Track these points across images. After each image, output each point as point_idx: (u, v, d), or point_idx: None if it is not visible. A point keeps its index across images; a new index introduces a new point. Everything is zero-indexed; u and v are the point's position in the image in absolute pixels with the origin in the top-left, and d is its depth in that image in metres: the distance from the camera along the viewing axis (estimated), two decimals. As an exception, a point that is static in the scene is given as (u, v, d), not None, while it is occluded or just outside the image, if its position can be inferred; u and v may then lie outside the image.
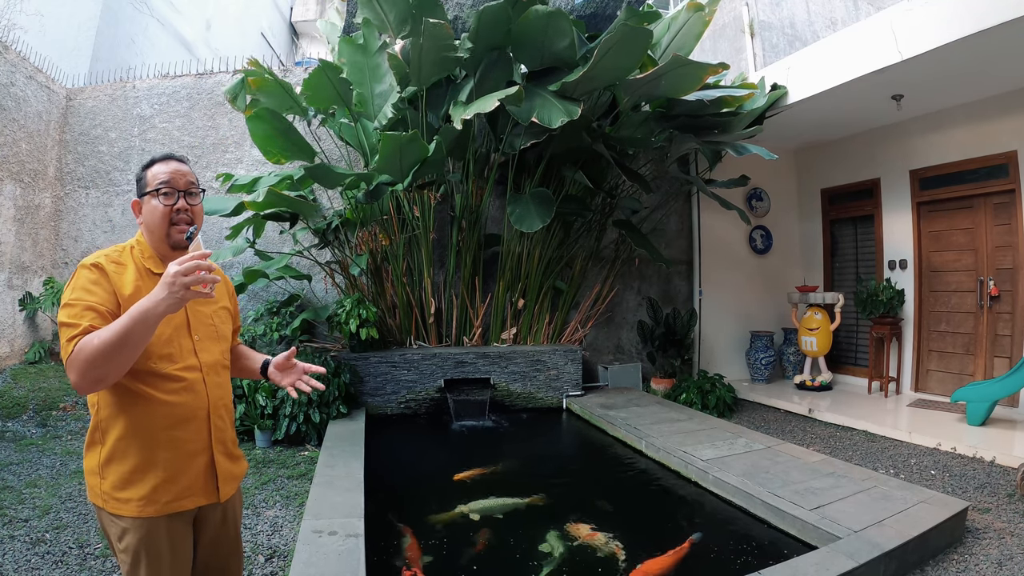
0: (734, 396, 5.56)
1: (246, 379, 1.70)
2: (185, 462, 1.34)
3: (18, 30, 5.59)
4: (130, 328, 1.12)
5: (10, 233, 5.24)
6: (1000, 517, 3.02)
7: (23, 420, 4.50)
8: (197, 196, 1.42)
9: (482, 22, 4.26)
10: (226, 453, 1.44)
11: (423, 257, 5.41)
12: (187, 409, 1.34)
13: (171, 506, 1.31)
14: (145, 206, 1.39)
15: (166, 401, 1.30)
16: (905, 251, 6.00)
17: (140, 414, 1.29)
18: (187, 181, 1.40)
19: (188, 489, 1.34)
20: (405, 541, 2.68)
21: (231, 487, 1.45)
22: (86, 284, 1.26)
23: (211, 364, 1.42)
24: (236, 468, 1.48)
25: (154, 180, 1.37)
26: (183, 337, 1.37)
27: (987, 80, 4.76)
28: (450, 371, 5.11)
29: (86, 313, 1.21)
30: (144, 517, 1.29)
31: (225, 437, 1.44)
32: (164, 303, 1.12)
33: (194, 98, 6.01)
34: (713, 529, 3.03)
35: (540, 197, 4.97)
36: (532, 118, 4.23)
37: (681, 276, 6.92)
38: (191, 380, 1.35)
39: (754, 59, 6.92)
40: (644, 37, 4.02)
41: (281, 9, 14.22)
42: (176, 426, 1.32)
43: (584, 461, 4.32)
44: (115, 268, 1.32)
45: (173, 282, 1.11)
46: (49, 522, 2.87)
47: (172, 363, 1.33)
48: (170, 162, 1.40)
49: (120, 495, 1.29)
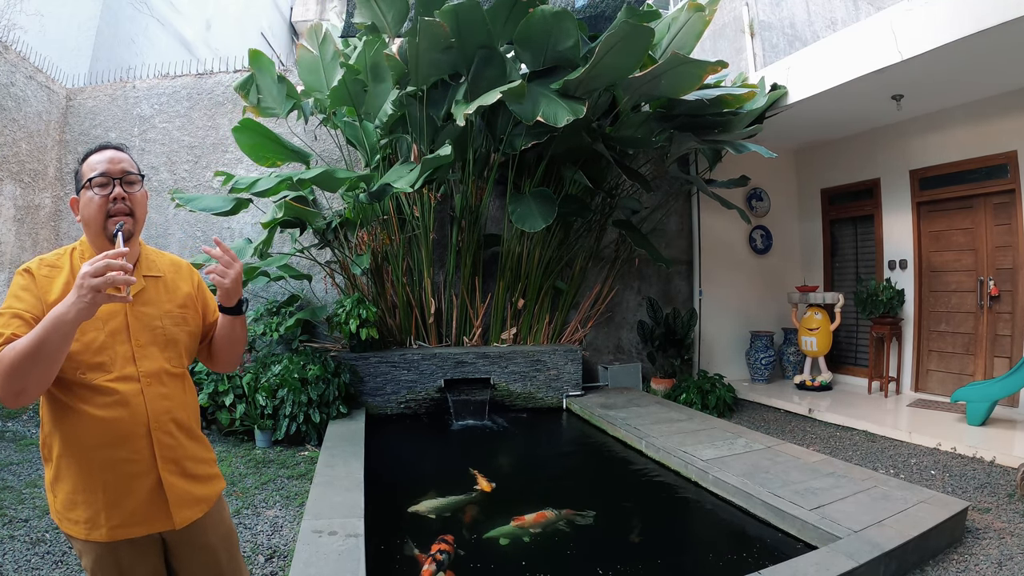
0: (734, 396, 5.56)
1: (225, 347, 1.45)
2: (125, 484, 1.21)
3: (18, 30, 5.58)
4: (42, 337, 1.03)
5: (10, 233, 5.24)
6: (1000, 517, 3.02)
7: (23, 420, 4.51)
8: (136, 184, 1.31)
9: (460, 20, 4.24)
10: (180, 473, 1.28)
11: (423, 257, 5.41)
12: (122, 425, 1.20)
13: (118, 532, 1.20)
14: (81, 200, 1.30)
15: (98, 416, 1.17)
16: (905, 251, 5.99)
17: (73, 430, 1.18)
18: (123, 169, 1.29)
19: (134, 515, 1.21)
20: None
21: (191, 511, 1.29)
22: (16, 290, 1.19)
23: (153, 373, 1.26)
24: (198, 489, 1.31)
25: (89, 171, 1.28)
26: (120, 343, 1.24)
27: (987, 80, 4.76)
28: (450, 371, 5.11)
29: (12, 321, 1.13)
30: (92, 542, 1.20)
31: (178, 455, 1.28)
32: (74, 308, 1.02)
33: (194, 98, 6.01)
34: (713, 529, 3.03)
35: (541, 196, 4.97)
36: (538, 117, 4.23)
37: (681, 276, 6.92)
38: (125, 392, 1.21)
39: (754, 59, 6.92)
40: (646, 35, 4.02)
41: (281, 9, 14.22)
42: (111, 444, 1.19)
43: (584, 461, 4.32)
44: (47, 272, 1.24)
45: (81, 284, 1.02)
46: (49, 522, 2.86)
47: (104, 373, 1.20)
48: (106, 151, 1.31)
49: (69, 515, 1.21)
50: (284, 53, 13.76)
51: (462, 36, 4.35)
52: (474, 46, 4.45)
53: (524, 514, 2.87)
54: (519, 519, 2.83)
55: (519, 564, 2.50)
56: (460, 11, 4.15)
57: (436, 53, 4.38)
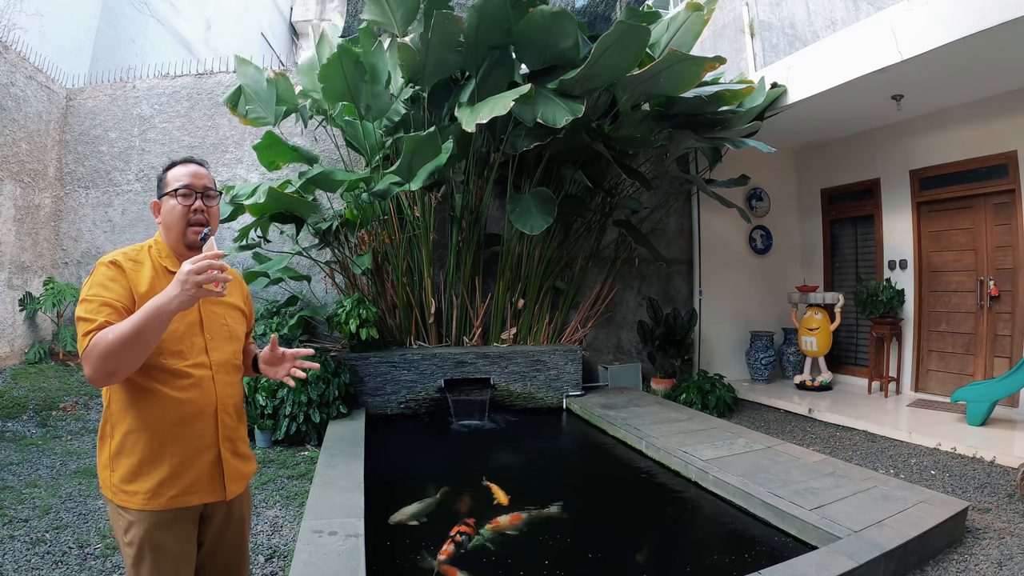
0: (734, 396, 5.56)
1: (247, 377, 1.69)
2: (191, 458, 1.36)
3: (18, 30, 5.59)
4: (143, 324, 1.16)
5: (10, 233, 5.24)
6: (1000, 517, 3.02)
7: (23, 420, 4.50)
8: (214, 199, 1.47)
9: (483, 19, 4.24)
10: (234, 451, 1.45)
11: (423, 257, 5.41)
12: (195, 405, 1.36)
13: (176, 501, 1.33)
14: (164, 206, 1.43)
15: (175, 397, 1.33)
16: (905, 251, 5.99)
17: (149, 408, 1.32)
18: (205, 184, 1.44)
19: (194, 485, 1.36)
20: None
21: (239, 486, 1.47)
22: (104, 281, 1.30)
23: (221, 363, 1.44)
24: (244, 467, 1.50)
25: (174, 181, 1.42)
26: (195, 335, 1.40)
27: (987, 80, 4.76)
28: (450, 371, 5.11)
29: (102, 309, 1.25)
30: (149, 510, 1.31)
31: (233, 435, 1.45)
32: (177, 300, 1.16)
33: (194, 98, 6.01)
34: (713, 529, 3.03)
35: (541, 197, 4.97)
36: (537, 118, 4.23)
37: (681, 276, 6.92)
38: (200, 377, 1.37)
39: (754, 59, 6.92)
40: (642, 35, 4.02)
41: (281, 9, 14.22)
42: (184, 422, 1.34)
43: (584, 461, 4.32)
44: (132, 266, 1.36)
45: (186, 280, 1.15)
46: (49, 522, 2.86)
47: (183, 360, 1.35)
48: (190, 165, 1.45)
49: (128, 488, 1.32)
50: (284, 53, 13.77)
51: (479, 35, 4.35)
52: (486, 46, 4.45)
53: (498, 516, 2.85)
54: (494, 522, 2.79)
55: (518, 565, 2.50)
56: (484, 9, 4.15)
57: (447, 52, 4.37)
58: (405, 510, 2.97)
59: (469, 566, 2.45)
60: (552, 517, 2.99)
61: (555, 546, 2.69)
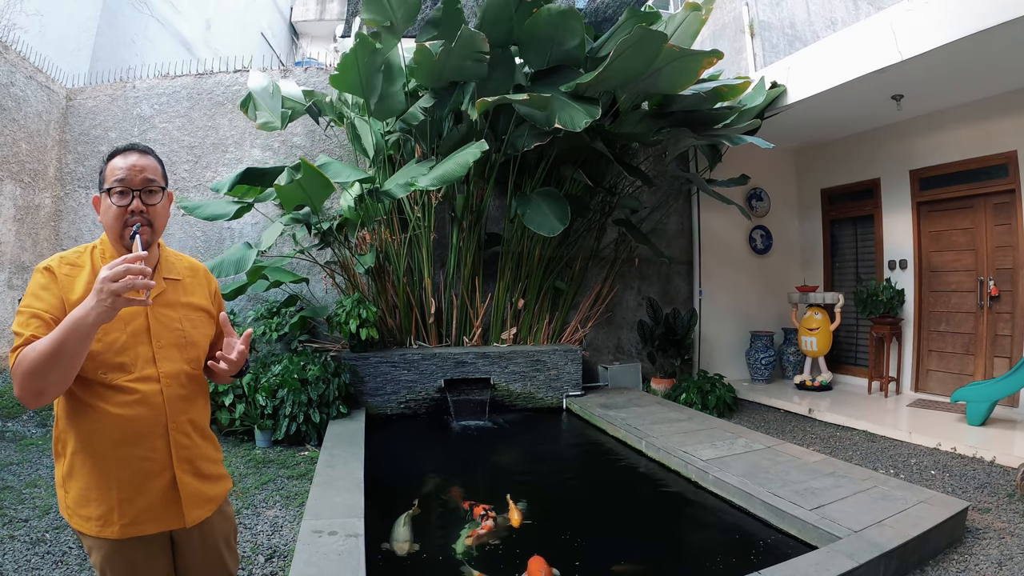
0: (734, 396, 5.56)
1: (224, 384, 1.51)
2: (141, 482, 1.22)
3: (18, 30, 5.58)
4: (62, 340, 1.03)
5: (10, 233, 5.24)
6: (1000, 517, 3.02)
7: (23, 420, 4.50)
8: (157, 194, 1.28)
9: (486, 19, 4.24)
10: (194, 472, 1.30)
11: (423, 257, 5.41)
12: (141, 424, 1.21)
13: (129, 530, 1.21)
14: (102, 204, 1.27)
15: (117, 415, 1.18)
16: (905, 251, 5.99)
17: (90, 428, 1.19)
18: (145, 178, 1.25)
19: (147, 512, 1.23)
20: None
21: (201, 511, 1.31)
22: (36, 289, 1.18)
23: (173, 374, 1.27)
24: (210, 489, 1.34)
25: (110, 176, 1.25)
26: (141, 344, 1.24)
27: (987, 80, 4.76)
28: (450, 371, 5.11)
29: (31, 321, 1.13)
30: (103, 538, 1.20)
31: (192, 455, 1.30)
32: (94, 312, 1.02)
33: (194, 98, 6.01)
34: (713, 529, 3.03)
35: (550, 197, 4.96)
36: (555, 124, 4.23)
37: (681, 276, 6.92)
38: (145, 392, 1.22)
39: (754, 59, 6.92)
40: (659, 40, 4.02)
41: (281, 9, 14.22)
42: (128, 442, 1.20)
43: (583, 461, 4.32)
44: (68, 271, 1.22)
45: (101, 288, 1.01)
46: (49, 522, 2.86)
47: (125, 373, 1.21)
48: (129, 155, 1.26)
49: (81, 512, 1.21)
50: (284, 53, 13.77)
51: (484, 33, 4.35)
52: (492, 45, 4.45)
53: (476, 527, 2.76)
54: (472, 533, 2.71)
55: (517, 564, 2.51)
56: (487, 10, 4.15)
57: (467, 61, 4.37)
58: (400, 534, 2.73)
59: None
60: (551, 516, 2.99)
61: (555, 545, 2.69)
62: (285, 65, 9.51)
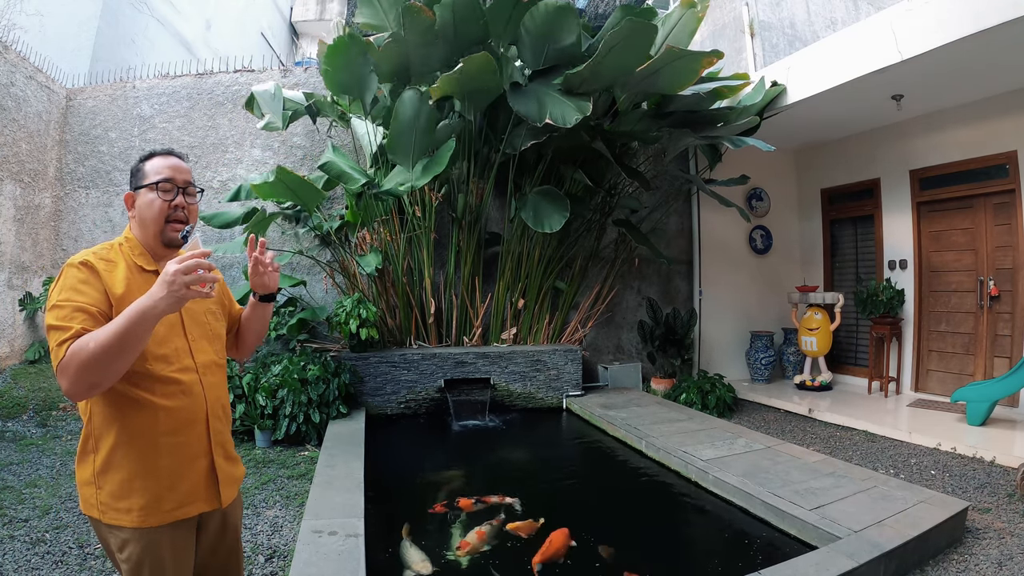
0: (734, 396, 5.56)
1: (257, 330, 1.63)
2: (186, 468, 1.30)
3: (18, 30, 5.59)
4: (127, 329, 1.07)
5: (10, 233, 5.24)
6: (1000, 517, 3.02)
7: (23, 420, 4.50)
8: (195, 195, 1.39)
9: (456, 13, 4.20)
10: (226, 456, 1.40)
11: (423, 257, 5.41)
12: (187, 413, 1.29)
13: (174, 514, 1.27)
14: (140, 200, 1.33)
15: (165, 406, 1.26)
16: (905, 251, 6.00)
17: (137, 420, 1.24)
18: (186, 179, 1.36)
19: (190, 495, 1.30)
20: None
21: (232, 491, 1.42)
22: (75, 284, 1.20)
23: (207, 364, 1.37)
24: (236, 470, 1.45)
25: (154, 173, 1.32)
26: (177, 337, 1.32)
27: (987, 80, 4.76)
28: (450, 371, 5.11)
29: (76, 315, 1.15)
30: (146, 527, 1.24)
31: (224, 439, 1.40)
32: (164, 302, 1.08)
33: (194, 98, 6.01)
34: (713, 529, 3.03)
35: (550, 195, 4.96)
36: (547, 119, 4.21)
37: (681, 276, 6.92)
38: (188, 382, 1.30)
39: (754, 59, 6.91)
40: (649, 33, 4.01)
41: (281, 9, 14.22)
42: (176, 431, 1.28)
43: (583, 461, 4.32)
44: (106, 266, 1.26)
45: (173, 281, 1.07)
46: (49, 522, 2.87)
47: (168, 364, 1.28)
48: (170, 157, 1.36)
49: (119, 505, 1.23)
50: (284, 53, 13.77)
51: (457, 31, 4.34)
52: (468, 42, 4.44)
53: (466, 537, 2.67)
54: (463, 543, 2.62)
55: (518, 565, 2.51)
56: (456, 5, 4.13)
57: (426, 47, 4.36)
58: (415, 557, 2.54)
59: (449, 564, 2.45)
60: (551, 517, 2.99)
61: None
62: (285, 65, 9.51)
